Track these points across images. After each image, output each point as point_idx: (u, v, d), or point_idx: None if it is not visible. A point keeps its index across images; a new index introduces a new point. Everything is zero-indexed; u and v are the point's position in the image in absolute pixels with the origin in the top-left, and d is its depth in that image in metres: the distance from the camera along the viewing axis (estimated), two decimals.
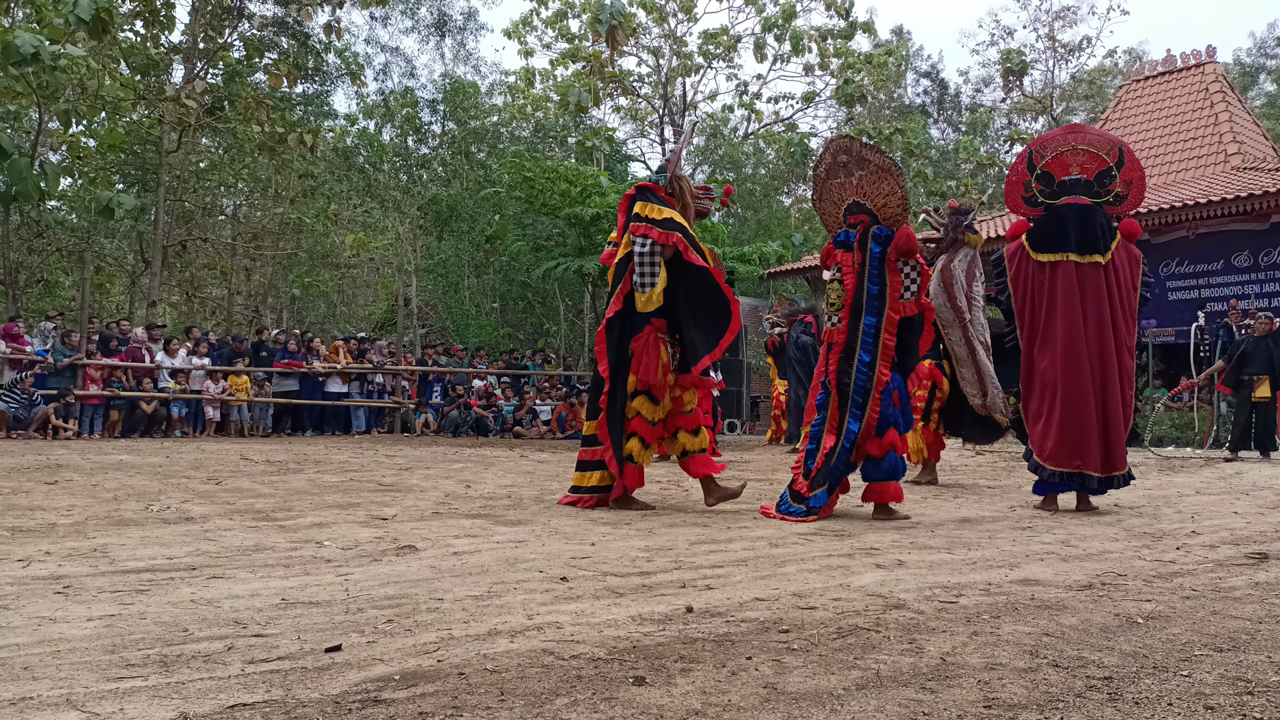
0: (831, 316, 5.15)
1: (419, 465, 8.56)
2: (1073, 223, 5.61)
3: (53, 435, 12.28)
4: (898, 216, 5.11)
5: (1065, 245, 5.59)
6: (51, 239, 18.67)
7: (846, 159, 5.28)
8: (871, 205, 5.16)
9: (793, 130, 28.85)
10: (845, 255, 5.14)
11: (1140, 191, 5.71)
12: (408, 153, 23.43)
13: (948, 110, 36.09)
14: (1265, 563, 3.90)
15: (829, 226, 5.51)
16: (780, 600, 2.98)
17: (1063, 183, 5.73)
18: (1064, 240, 5.60)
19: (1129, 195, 5.69)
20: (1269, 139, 19.38)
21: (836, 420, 5.07)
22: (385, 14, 23.83)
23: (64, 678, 2.09)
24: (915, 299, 5.09)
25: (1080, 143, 5.81)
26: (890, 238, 5.04)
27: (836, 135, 6.89)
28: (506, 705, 1.93)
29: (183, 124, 17.78)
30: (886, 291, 5.00)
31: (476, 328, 21.05)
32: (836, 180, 5.34)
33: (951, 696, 2.02)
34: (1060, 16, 31.08)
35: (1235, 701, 2.02)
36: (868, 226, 5.11)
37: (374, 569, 3.47)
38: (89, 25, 13.02)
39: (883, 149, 5.34)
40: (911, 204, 5.35)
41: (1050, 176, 5.77)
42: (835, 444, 5.03)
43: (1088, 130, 6.06)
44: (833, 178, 5.36)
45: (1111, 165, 5.69)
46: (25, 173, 13.17)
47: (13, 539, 4.08)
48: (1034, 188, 5.81)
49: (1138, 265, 5.70)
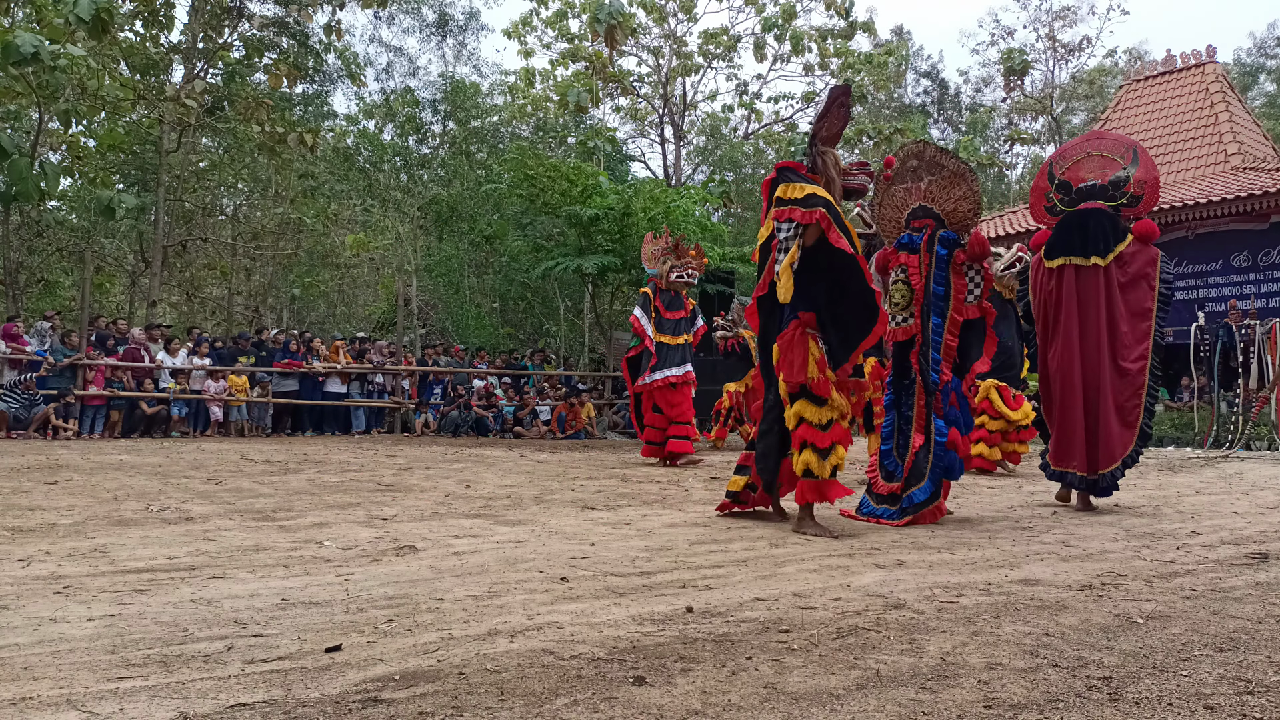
0: (897, 316, 5.18)
1: (419, 465, 8.56)
2: (1076, 227, 5.71)
3: (53, 435, 12.28)
4: (968, 221, 5.19)
5: (1068, 250, 5.72)
6: (51, 239, 18.67)
7: (917, 164, 5.33)
8: (940, 210, 5.23)
9: (793, 130, 28.85)
10: (911, 257, 5.20)
11: (1154, 192, 5.76)
12: (408, 153, 23.43)
13: (948, 110, 36.10)
14: (1265, 563, 3.90)
15: (885, 230, 5.53)
16: (780, 600, 2.98)
17: (1079, 189, 5.82)
18: (1068, 245, 5.73)
19: (1144, 196, 5.73)
20: (1269, 139, 19.39)
21: (924, 419, 5.09)
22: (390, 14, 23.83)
23: (64, 678, 2.09)
24: (978, 302, 5.21)
25: (1096, 149, 5.90)
26: (955, 241, 5.12)
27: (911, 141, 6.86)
28: (506, 705, 1.93)
29: (183, 124, 17.78)
30: (951, 293, 5.09)
31: (476, 328, 21.05)
32: (902, 185, 5.40)
33: (951, 696, 2.02)
34: (1060, 16, 31.12)
35: (1235, 701, 2.02)
36: (934, 230, 5.17)
37: (374, 569, 3.47)
38: (89, 25, 13.02)
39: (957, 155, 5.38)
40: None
41: (1068, 185, 5.87)
42: (926, 441, 5.05)
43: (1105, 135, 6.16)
44: (898, 183, 5.41)
45: (1126, 168, 5.74)
46: (25, 173, 13.17)
47: (13, 539, 4.08)
48: (1054, 197, 5.93)
49: (1154, 265, 5.69)
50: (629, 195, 16.05)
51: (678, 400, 9.18)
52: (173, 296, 22.83)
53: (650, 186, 17.37)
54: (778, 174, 4.86)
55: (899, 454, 5.15)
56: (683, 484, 7.18)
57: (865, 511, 5.13)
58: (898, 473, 5.11)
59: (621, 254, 16.06)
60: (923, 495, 4.95)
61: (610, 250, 16.13)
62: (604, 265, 15.94)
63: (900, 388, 5.24)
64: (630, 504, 5.80)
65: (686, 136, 28.87)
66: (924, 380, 5.09)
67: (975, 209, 5.19)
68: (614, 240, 16.19)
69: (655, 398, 9.21)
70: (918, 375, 5.12)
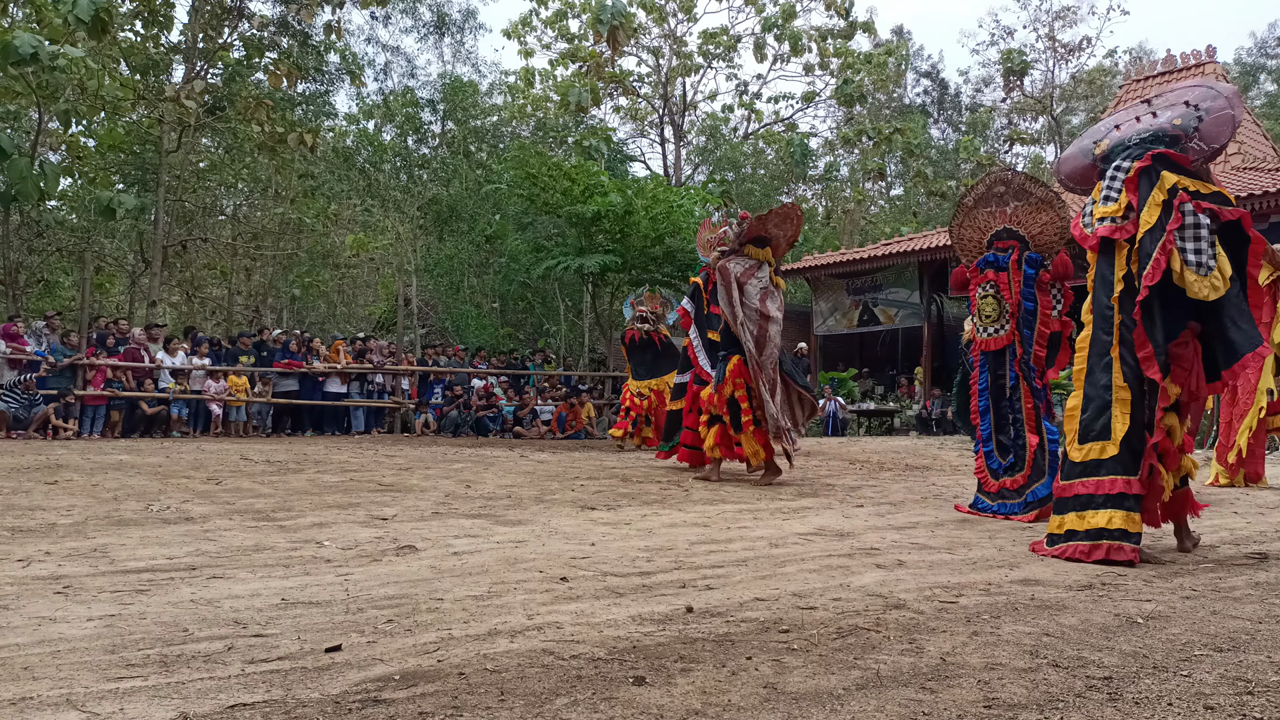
0: (988, 328, 5.67)
1: (419, 465, 8.55)
2: None
3: (53, 435, 12.27)
4: (1053, 243, 5.62)
5: None
6: (51, 239, 18.65)
7: (1003, 190, 5.80)
8: (1025, 233, 5.69)
9: (793, 130, 28.86)
10: (1000, 275, 5.66)
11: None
12: (408, 153, 23.43)
13: (948, 110, 36.06)
14: (1265, 563, 3.90)
15: (966, 250, 5.94)
16: (780, 600, 2.98)
17: None
18: None
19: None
20: (1269, 139, 19.38)
21: (1034, 420, 5.54)
22: (386, 13, 23.81)
23: (64, 678, 2.09)
24: (1059, 317, 5.64)
25: None
26: (1040, 262, 5.58)
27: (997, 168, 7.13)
28: (506, 705, 1.93)
29: (182, 124, 17.76)
30: (1038, 309, 5.53)
31: (476, 328, 21.04)
32: (986, 209, 5.85)
33: (951, 696, 2.02)
34: (1060, 16, 31.06)
35: (1235, 701, 2.02)
36: (1020, 251, 5.63)
37: (374, 569, 3.47)
38: (88, 25, 13.00)
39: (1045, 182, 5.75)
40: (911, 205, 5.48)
41: None
42: (1041, 441, 5.52)
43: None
44: (982, 207, 5.87)
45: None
46: (25, 173, 13.16)
47: (13, 539, 4.08)
48: None
49: None
50: (631, 194, 16.05)
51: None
52: (173, 296, 22.82)
53: (653, 185, 17.37)
54: (1153, 160, 4.23)
55: (1000, 454, 5.63)
56: (683, 484, 7.18)
57: (981, 507, 5.58)
58: (1002, 470, 5.60)
59: (622, 253, 16.06)
60: (1045, 490, 5.33)
61: (611, 250, 16.12)
62: (605, 265, 15.94)
63: (995, 392, 5.69)
64: (630, 504, 5.80)
65: (686, 136, 28.88)
66: (1029, 385, 5.54)
67: (1061, 234, 5.58)
68: (615, 240, 16.19)
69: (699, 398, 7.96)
70: (1021, 381, 5.58)
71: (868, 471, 8.68)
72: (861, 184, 30.82)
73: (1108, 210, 4.21)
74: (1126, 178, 4.21)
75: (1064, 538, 4.00)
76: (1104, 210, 4.22)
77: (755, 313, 7.18)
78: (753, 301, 7.20)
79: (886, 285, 19.20)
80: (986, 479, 5.66)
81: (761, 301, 7.22)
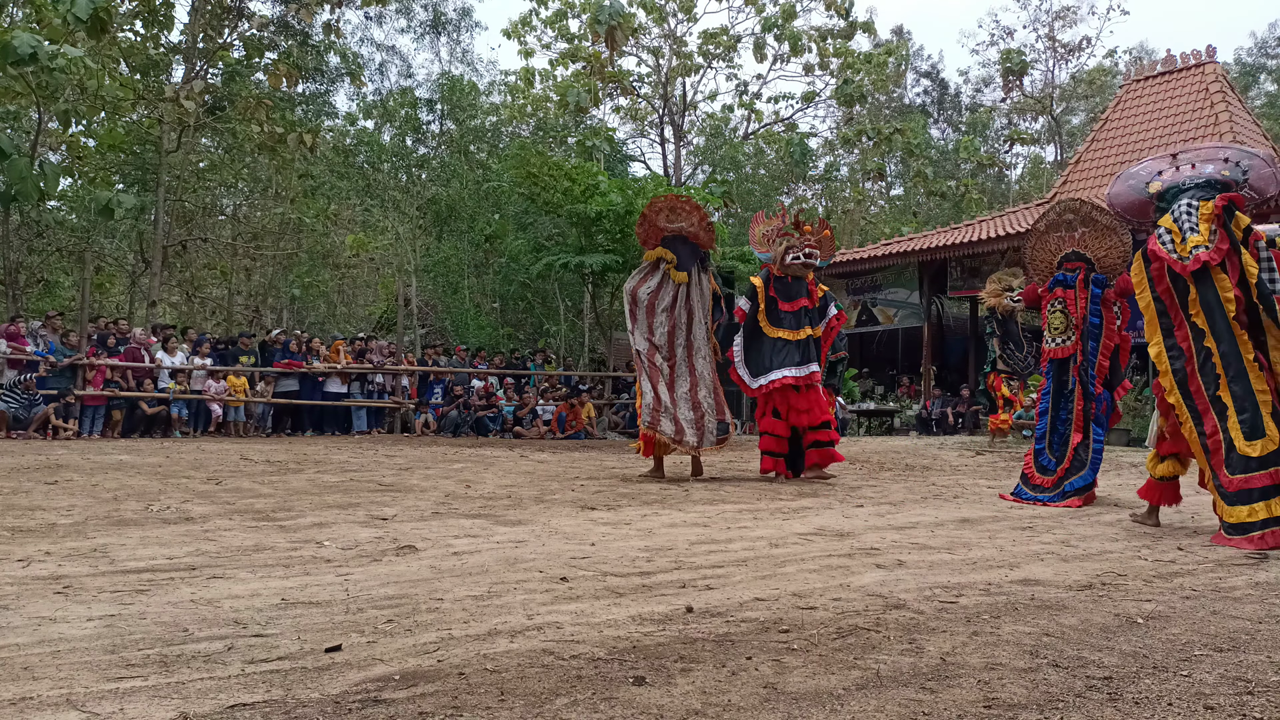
0: (1056, 338, 6.43)
1: (419, 465, 8.55)
2: None
3: (53, 435, 12.27)
4: (1117, 266, 6.35)
5: None
6: (51, 239, 18.64)
7: (1072, 217, 6.57)
8: (1092, 255, 6.44)
9: (793, 130, 28.84)
10: (1068, 292, 6.40)
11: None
12: (407, 152, 23.42)
13: (948, 110, 36.06)
14: (1265, 563, 3.90)
15: (1038, 270, 6.75)
16: (780, 600, 2.98)
17: None
18: None
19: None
20: (1269, 139, 19.37)
21: (1082, 420, 6.27)
22: (380, 13, 23.78)
23: (64, 678, 2.09)
24: (1119, 331, 6.36)
25: None
26: (1105, 282, 6.32)
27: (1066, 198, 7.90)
28: (506, 705, 1.93)
29: (182, 124, 17.75)
30: (1104, 324, 6.28)
31: (476, 328, 21.03)
32: (1056, 234, 6.63)
33: (951, 696, 2.02)
34: (1060, 16, 31.07)
35: (1235, 701, 2.02)
36: (1087, 272, 6.38)
37: (374, 569, 3.47)
38: (87, 25, 13.00)
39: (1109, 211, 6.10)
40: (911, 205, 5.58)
41: None
42: (1085, 439, 6.23)
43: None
44: (1052, 231, 6.66)
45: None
46: (25, 173, 13.14)
47: (13, 539, 4.08)
48: None
49: None
50: (631, 194, 16.03)
51: (805, 405, 7.59)
52: (173, 296, 22.80)
53: (654, 185, 17.36)
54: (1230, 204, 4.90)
55: (1051, 451, 6.34)
56: (683, 484, 7.18)
57: (1024, 496, 6.29)
58: (1051, 467, 6.30)
59: (623, 253, 16.04)
60: (1081, 482, 6.13)
61: (611, 249, 16.11)
62: (605, 264, 15.93)
63: (1060, 397, 6.40)
64: (630, 504, 5.80)
65: (686, 136, 28.86)
66: (1084, 389, 6.28)
67: (1124, 257, 6.28)
68: (615, 239, 16.18)
69: (774, 401, 7.68)
70: (1078, 384, 6.30)
71: (868, 471, 8.68)
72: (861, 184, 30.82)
73: (1196, 240, 4.74)
74: (1203, 213, 4.79)
75: (1260, 525, 4.31)
76: (1195, 240, 4.75)
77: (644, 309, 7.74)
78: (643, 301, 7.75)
79: (886, 285, 19.19)
80: (1033, 474, 6.37)
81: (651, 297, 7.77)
